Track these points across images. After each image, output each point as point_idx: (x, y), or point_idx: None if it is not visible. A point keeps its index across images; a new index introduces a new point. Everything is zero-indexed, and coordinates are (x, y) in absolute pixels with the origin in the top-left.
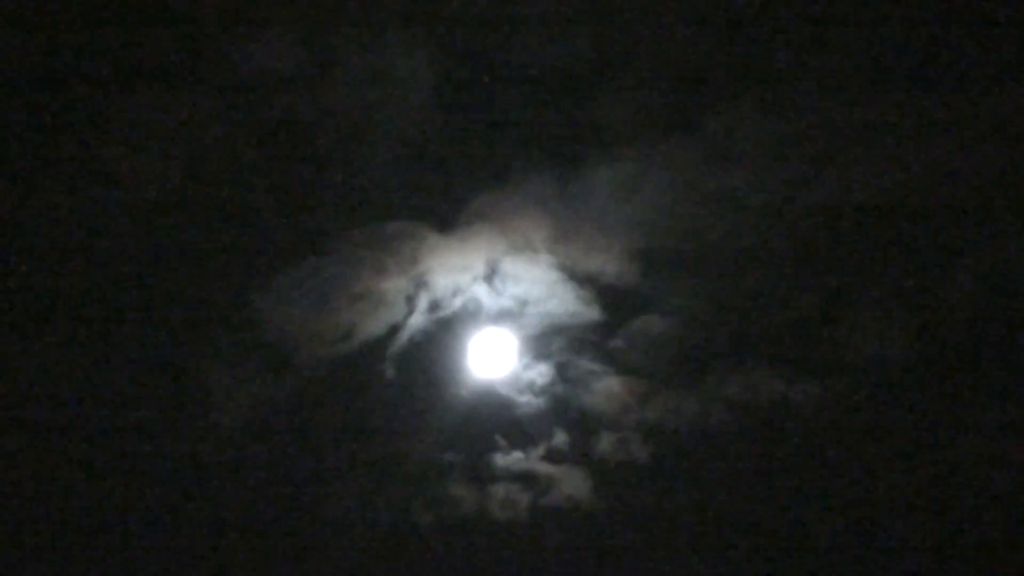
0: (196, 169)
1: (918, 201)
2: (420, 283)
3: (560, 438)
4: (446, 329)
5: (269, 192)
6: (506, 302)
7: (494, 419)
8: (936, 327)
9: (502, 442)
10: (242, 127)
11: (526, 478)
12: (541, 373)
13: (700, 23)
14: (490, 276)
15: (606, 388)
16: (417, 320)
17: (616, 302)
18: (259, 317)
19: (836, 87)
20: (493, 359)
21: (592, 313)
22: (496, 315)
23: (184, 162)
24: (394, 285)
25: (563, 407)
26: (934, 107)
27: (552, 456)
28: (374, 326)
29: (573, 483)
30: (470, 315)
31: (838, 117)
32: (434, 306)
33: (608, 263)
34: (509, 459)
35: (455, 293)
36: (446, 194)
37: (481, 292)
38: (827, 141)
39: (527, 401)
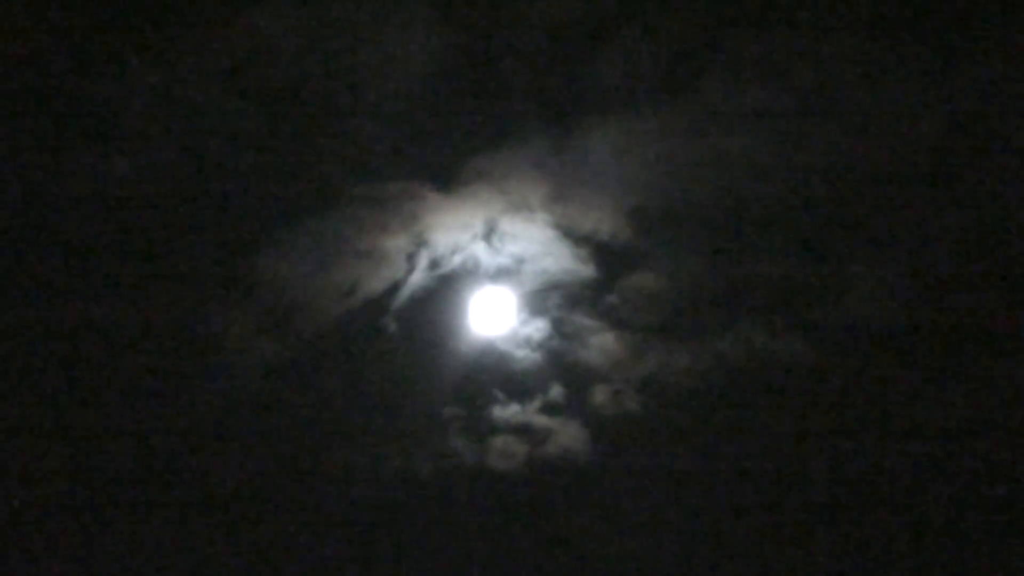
0: (196, 130)
1: (912, 161)
2: (420, 241)
3: (556, 391)
4: (446, 286)
5: (269, 152)
6: (504, 260)
7: (493, 373)
8: (931, 285)
9: (500, 395)
10: (241, 86)
11: (524, 430)
12: (538, 329)
13: None
14: (488, 235)
15: (601, 343)
16: (418, 278)
17: (611, 260)
18: (261, 276)
19: (830, 48)
20: (492, 316)
21: (587, 270)
22: (494, 272)
23: (183, 123)
24: (395, 243)
25: (559, 361)
26: (929, 65)
27: (549, 409)
28: (376, 283)
29: (569, 434)
30: (469, 272)
31: (832, 78)
32: (434, 264)
33: (603, 222)
34: (507, 412)
35: (454, 251)
36: (445, 155)
37: (480, 250)
38: (821, 102)
39: (524, 356)
